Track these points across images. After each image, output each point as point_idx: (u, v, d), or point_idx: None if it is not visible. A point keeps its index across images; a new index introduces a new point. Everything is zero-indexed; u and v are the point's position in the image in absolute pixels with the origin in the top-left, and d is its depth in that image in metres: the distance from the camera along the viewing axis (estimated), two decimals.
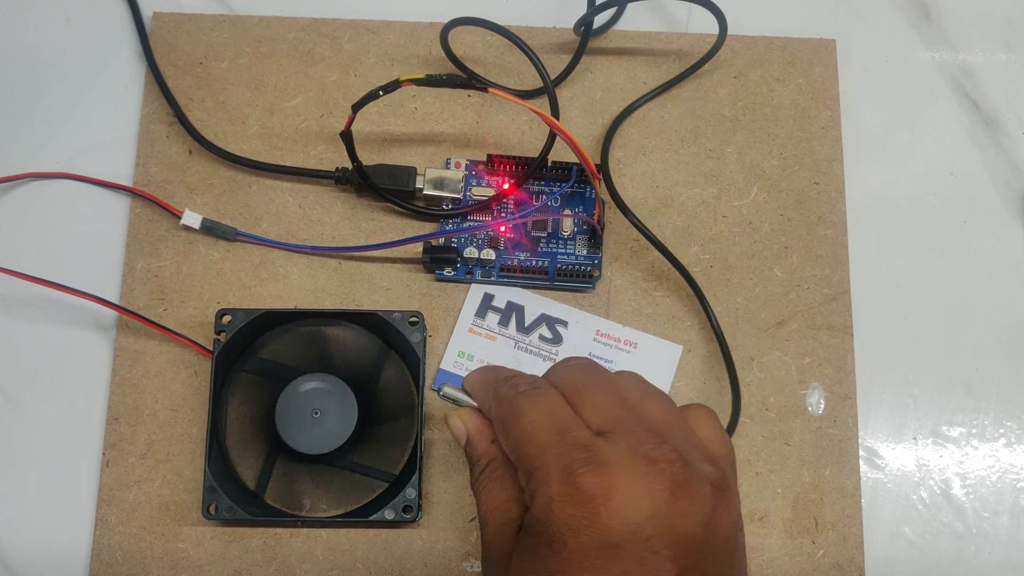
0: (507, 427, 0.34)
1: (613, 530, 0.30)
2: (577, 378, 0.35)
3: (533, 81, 0.51)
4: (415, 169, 0.49)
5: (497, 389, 0.36)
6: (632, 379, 0.37)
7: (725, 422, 0.47)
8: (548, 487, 0.32)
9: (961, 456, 0.48)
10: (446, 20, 0.47)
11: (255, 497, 0.45)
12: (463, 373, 0.48)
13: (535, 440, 0.33)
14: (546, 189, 0.50)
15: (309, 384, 0.46)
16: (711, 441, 0.35)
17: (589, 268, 0.48)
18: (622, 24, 0.53)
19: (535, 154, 0.49)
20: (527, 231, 0.49)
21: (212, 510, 0.44)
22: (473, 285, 0.49)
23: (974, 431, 0.49)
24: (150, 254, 0.49)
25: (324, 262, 0.49)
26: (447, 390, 0.41)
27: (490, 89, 0.43)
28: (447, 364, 0.48)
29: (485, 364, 0.46)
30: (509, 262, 0.48)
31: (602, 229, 0.48)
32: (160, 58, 0.52)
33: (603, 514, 0.30)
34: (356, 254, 0.49)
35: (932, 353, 0.49)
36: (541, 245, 0.49)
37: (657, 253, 0.48)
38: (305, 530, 0.46)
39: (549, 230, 0.49)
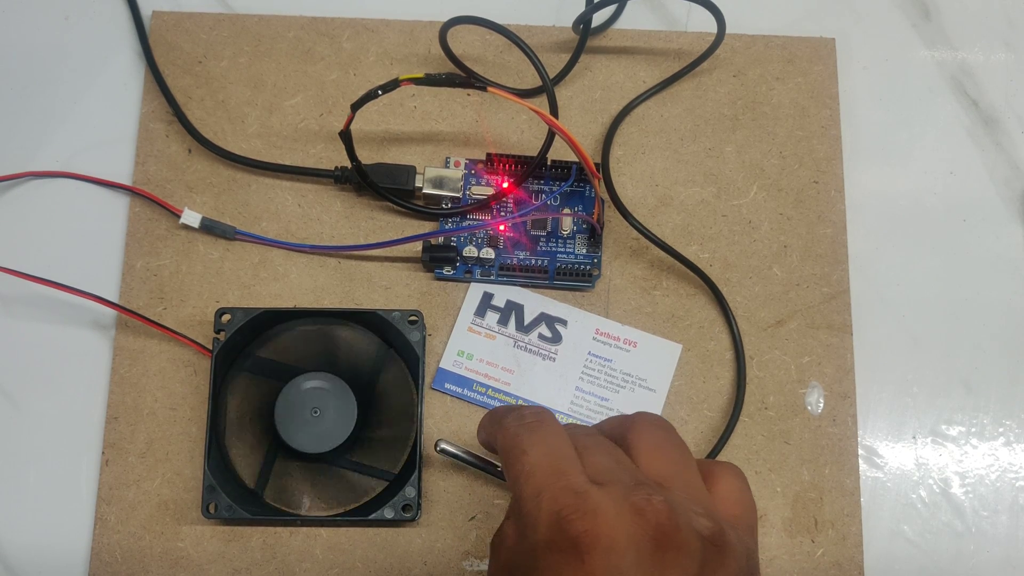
0: (510, 462, 0.34)
1: None
2: (580, 441, 0.35)
3: (532, 80, 0.51)
4: (414, 168, 0.49)
5: (503, 419, 0.36)
6: (648, 426, 0.36)
7: (726, 419, 0.47)
8: (536, 532, 0.31)
9: (960, 455, 0.48)
10: (445, 19, 0.47)
11: (254, 496, 0.45)
12: (463, 372, 0.48)
13: (532, 482, 0.33)
14: (545, 188, 0.50)
15: (309, 383, 0.46)
16: (727, 500, 0.34)
17: (588, 267, 0.48)
18: (621, 23, 0.53)
19: (534, 153, 0.49)
20: (526, 230, 0.49)
21: (211, 509, 0.44)
22: (472, 284, 0.49)
23: (973, 430, 0.49)
24: (149, 253, 0.49)
25: (323, 261, 0.49)
26: (444, 446, 0.42)
27: (489, 88, 0.43)
28: (446, 363, 0.48)
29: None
30: (508, 261, 0.48)
31: (601, 228, 0.48)
32: (159, 57, 0.52)
33: (587, 562, 0.30)
34: (355, 253, 0.49)
35: (931, 352, 0.49)
36: (540, 244, 0.49)
37: (657, 251, 0.48)
38: (304, 529, 0.46)
39: (548, 229, 0.49)
